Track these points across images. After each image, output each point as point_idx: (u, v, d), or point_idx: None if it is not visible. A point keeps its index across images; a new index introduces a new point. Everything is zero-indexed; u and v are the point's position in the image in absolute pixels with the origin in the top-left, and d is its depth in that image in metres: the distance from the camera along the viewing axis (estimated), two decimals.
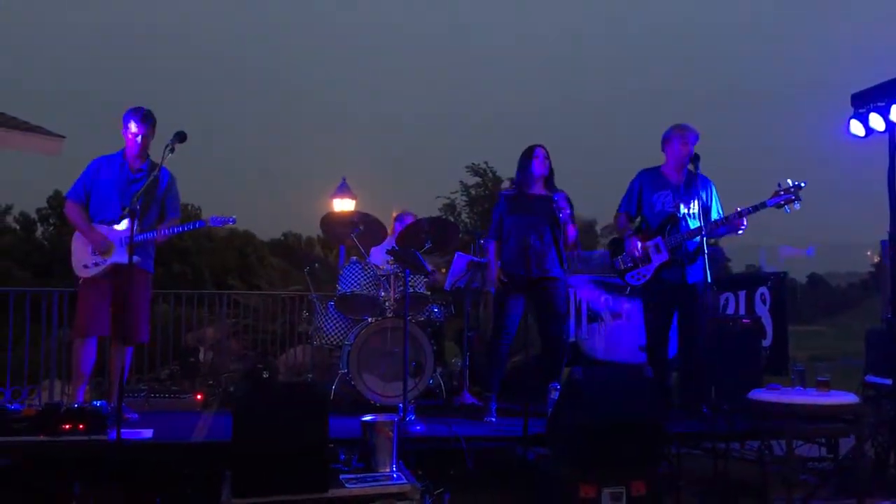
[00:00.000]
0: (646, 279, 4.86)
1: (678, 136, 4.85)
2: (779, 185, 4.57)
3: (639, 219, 5.02)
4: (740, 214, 4.63)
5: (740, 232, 4.68)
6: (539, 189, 5.00)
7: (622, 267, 4.95)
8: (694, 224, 4.74)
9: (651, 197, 4.92)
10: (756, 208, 4.61)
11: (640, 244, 4.84)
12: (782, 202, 4.55)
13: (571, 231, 4.91)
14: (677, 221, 4.80)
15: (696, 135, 4.83)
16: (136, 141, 4.56)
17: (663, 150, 4.96)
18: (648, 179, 4.98)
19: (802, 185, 4.52)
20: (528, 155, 5.00)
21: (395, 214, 6.22)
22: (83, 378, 4.57)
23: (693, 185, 4.75)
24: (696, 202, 4.73)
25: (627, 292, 5.86)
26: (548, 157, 4.99)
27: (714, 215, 4.82)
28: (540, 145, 5.03)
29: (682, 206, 4.82)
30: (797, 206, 4.54)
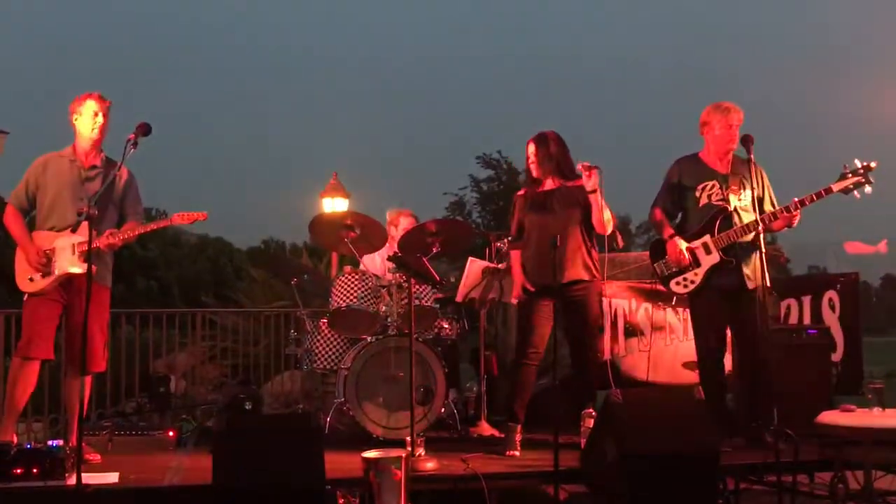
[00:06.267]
0: (694, 285, 4.82)
1: (719, 118, 4.80)
2: (845, 166, 4.56)
3: (680, 215, 5.00)
4: (802, 203, 4.61)
5: (794, 224, 4.68)
6: (553, 182, 4.98)
7: (665, 272, 4.91)
8: (748, 218, 4.71)
9: (694, 189, 4.88)
10: (820, 195, 4.59)
11: (685, 245, 4.80)
12: (850, 185, 4.53)
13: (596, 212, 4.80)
14: (728, 216, 4.77)
15: (741, 115, 4.79)
16: (96, 121, 4.52)
17: (702, 134, 4.93)
18: (689, 169, 4.95)
19: (873, 165, 4.51)
20: (526, 154, 5.01)
21: (390, 218, 6.17)
22: (17, 412, 4.55)
23: (744, 172, 4.71)
24: (748, 192, 4.69)
25: (673, 302, 5.83)
26: (538, 154, 4.93)
27: (767, 206, 4.78)
28: (531, 140, 4.99)
29: (732, 198, 4.79)
30: (868, 189, 4.53)
